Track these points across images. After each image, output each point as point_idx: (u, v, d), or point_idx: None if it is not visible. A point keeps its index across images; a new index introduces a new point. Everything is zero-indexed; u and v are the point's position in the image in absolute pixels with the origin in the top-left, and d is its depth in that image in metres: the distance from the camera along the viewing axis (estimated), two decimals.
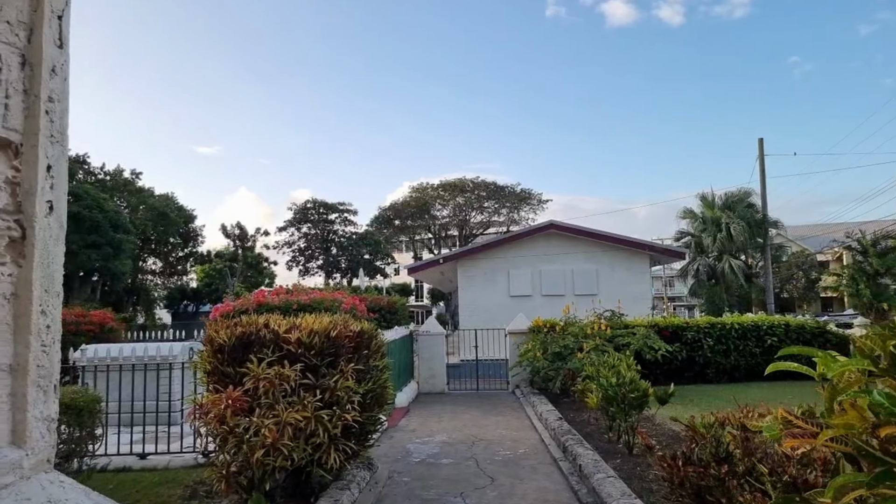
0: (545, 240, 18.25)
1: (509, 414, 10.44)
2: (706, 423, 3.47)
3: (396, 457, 7.36)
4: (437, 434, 8.77)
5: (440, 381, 13.61)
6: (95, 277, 42.25)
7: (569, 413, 9.59)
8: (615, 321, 12.01)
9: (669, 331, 12.39)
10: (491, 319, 16.22)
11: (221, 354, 4.96)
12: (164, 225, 50.98)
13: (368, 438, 5.39)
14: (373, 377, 5.25)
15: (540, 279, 17.93)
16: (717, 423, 3.41)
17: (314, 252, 46.43)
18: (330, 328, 5.11)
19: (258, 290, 9.12)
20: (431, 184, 51.69)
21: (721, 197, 25.96)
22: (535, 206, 52.06)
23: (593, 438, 7.59)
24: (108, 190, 46.58)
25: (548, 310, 14.59)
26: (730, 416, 3.46)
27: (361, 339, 5.33)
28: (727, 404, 9.90)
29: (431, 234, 54.22)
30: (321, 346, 4.96)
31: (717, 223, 24.81)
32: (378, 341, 5.55)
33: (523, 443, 8.08)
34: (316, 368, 4.91)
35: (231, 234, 43.42)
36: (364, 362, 5.19)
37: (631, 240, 18.06)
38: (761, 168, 23.25)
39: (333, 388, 4.75)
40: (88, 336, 12.80)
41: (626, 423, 6.66)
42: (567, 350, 10.83)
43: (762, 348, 12.44)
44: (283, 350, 4.89)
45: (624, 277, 17.69)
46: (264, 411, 4.45)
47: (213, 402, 4.46)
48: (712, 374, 12.39)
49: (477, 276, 18.19)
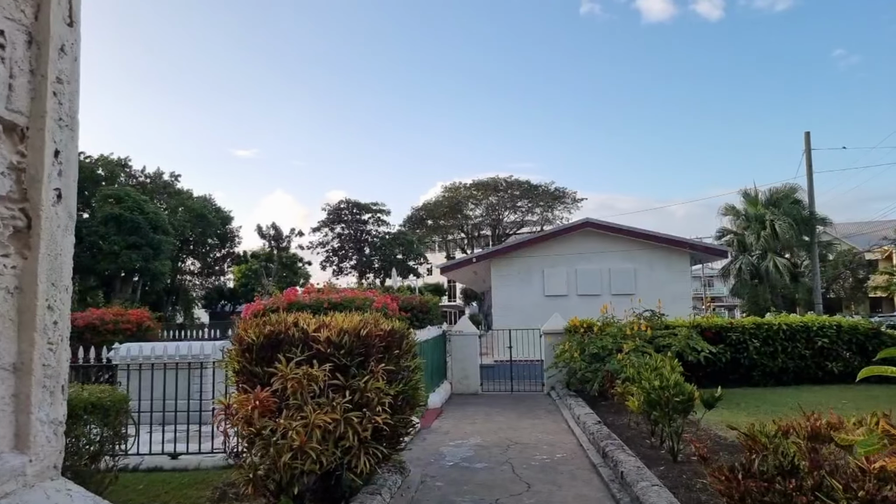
0: (581, 238, 17.82)
1: (545, 416, 10.13)
2: (767, 432, 3.15)
3: (429, 460, 7.16)
4: (471, 437, 8.54)
5: (474, 382, 13.38)
6: (136, 278, 43.48)
7: (607, 416, 9.24)
8: (655, 321, 11.57)
9: (712, 331, 11.87)
10: (525, 319, 15.90)
11: (249, 354, 4.84)
12: (203, 226, 52.16)
13: (400, 441, 5.21)
14: (404, 378, 5.06)
15: (576, 278, 17.52)
16: (780, 432, 3.09)
17: (347, 252, 46.74)
18: (360, 327, 4.94)
19: (289, 288, 9.04)
20: (464, 183, 51.45)
21: (765, 193, 24.96)
22: (570, 205, 51.27)
23: (634, 444, 7.24)
24: (148, 192, 47.91)
25: (584, 310, 14.18)
26: (794, 425, 3.13)
27: (392, 339, 5.14)
28: (777, 408, 9.43)
29: (464, 234, 53.98)
30: (351, 346, 4.80)
31: (761, 220, 23.78)
32: (409, 341, 5.36)
33: (560, 447, 7.78)
34: (346, 368, 4.74)
35: (266, 234, 44.08)
36: (395, 362, 5.00)
37: (670, 238, 17.48)
38: (808, 162, 22.21)
39: (363, 388, 4.58)
40: (126, 335, 13.01)
41: (669, 429, 6.31)
42: (605, 351, 10.46)
43: (812, 350, 11.81)
44: (313, 349, 4.75)
45: (663, 277, 17.14)
46: (292, 413, 4.31)
47: (241, 402, 4.33)
48: (758, 376, 11.82)
49: (511, 276, 17.89)
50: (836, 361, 11.68)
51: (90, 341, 12.87)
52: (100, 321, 12.88)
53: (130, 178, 51.01)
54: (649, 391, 6.52)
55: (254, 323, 5.02)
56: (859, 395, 10.35)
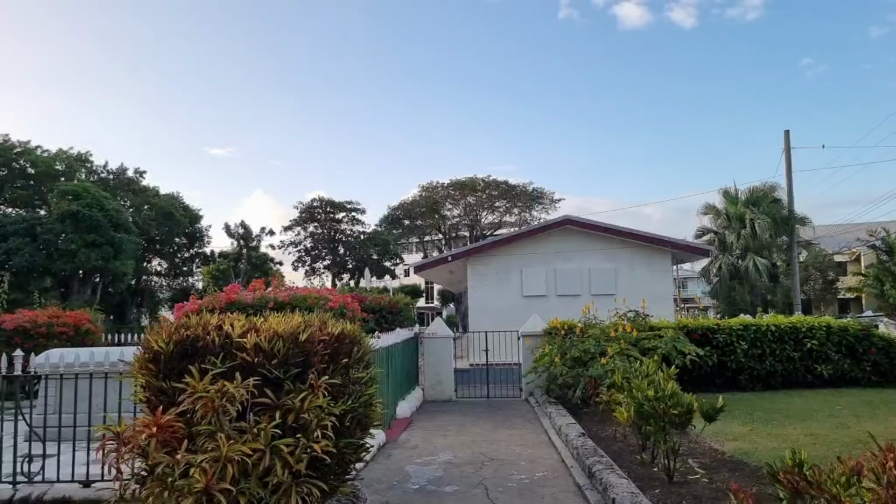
0: (560, 236, 17.09)
1: (523, 427, 9.30)
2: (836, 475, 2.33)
3: (392, 482, 6.26)
4: (442, 452, 7.66)
5: (447, 388, 12.51)
6: (97, 279, 41.52)
7: (591, 426, 8.45)
8: (640, 323, 10.83)
9: (699, 333, 11.20)
10: (503, 321, 15.09)
11: (156, 365, 3.89)
12: (169, 225, 50.14)
13: (348, 470, 4.29)
14: (354, 393, 4.14)
15: (555, 278, 16.78)
16: (850, 472, 2.27)
17: (321, 252, 45.43)
18: (298, 330, 4.02)
19: (230, 285, 8.05)
20: (441, 183, 50.55)
21: (745, 192, 24.55)
22: (548, 206, 50.74)
23: (623, 460, 6.45)
24: (110, 189, 45.86)
25: (563, 310, 13.43)
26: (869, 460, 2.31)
27: (341, 345, 4.23)
28: (770, 416, 8.71)
29: (442, 235, 53.05)
30: (286, 354, 3.88)
31: (741, 219, 23.35)
32: (363, 347, 4.44)
33: (541, 464, 6.94)
34: (278, 383, 3.82)
35: (235, 233, 42.56)
36: (343, 374, 4.09)
37: (652, 236, 16.86)
38: (787, 161, 21.87)
39: (299, 408, 3.66)
40: (62, 339, 11.81)
41: (665, 446, 5.51)
42: (588, 355, 9.68)
43: (801, 352, 11.21)
44: (237, 359, 3.81)
45: (644, 276, 16.49)
46: (203, 442, 3.36)
47: (136, 428, 3.38)
48: (745, 380, 11.18)
49: (488, 275, 17.06)
50: (825, 364, 11.10)
51: (21, 346, 11.64)
52: (31, 324, 11.67)
53: (91, 173, 48.81)
54: (641, 401, 5.71)
55: (165, 327, 4.06)
56: (853, 401, 9.75)
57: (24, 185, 44.40)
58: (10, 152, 43.32)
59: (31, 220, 37.95)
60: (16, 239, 36.09)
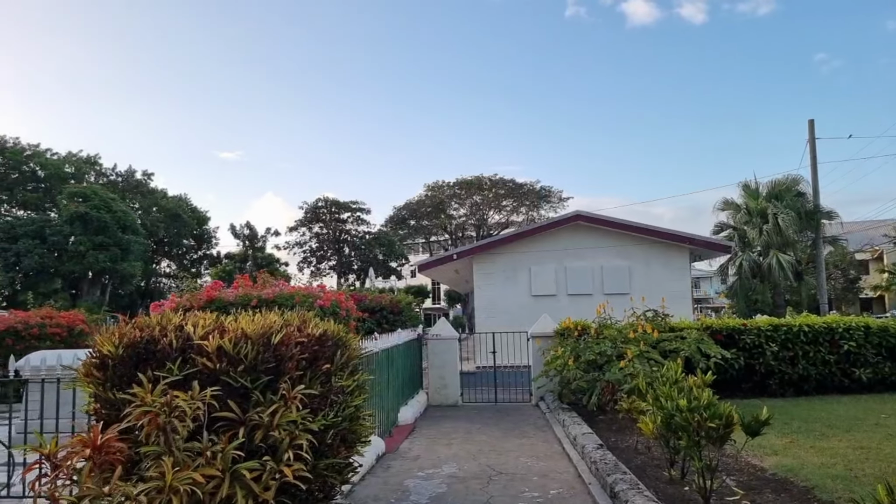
0: (571, 233, 16.39)
1: (534, 435, 8.64)
2: None
3: (389, 499, 5.63)
4: (446, 463, 7.01)
5: (453, 392, 11.86)
6: (107, 280, 41.30)
7: (609, 436, 7.78)
8: (659, 323, 10.13)
9: (723, 334, 10.47)
10: (511, 321, 14.46)
11: (103, 371, 3.29)
12: (178, 227, 49.97)
13: (332, 494, 3.66)
14: (338, 404, 3.52)
15: (565, 277, 16.08)
16: None
17: (326, 252, 44.94)
18: (271, 331, 3.41)
19: (212, 282, 7.46)
20: (447, 182, 49.94)
21: (766, 186, 23.60)
22: (556, 205, 49.98)
23: (648, 476, 5.78)
24: (119, 191, 45.69)
25: (574, 311, 12.77)
26: None
27: (322, 348, 3.61)
28: (809, 425, 7.90)
29: (448, 235, 52.43)
30: (255, 359, 3.27)
31: (763, 214, 22.38)
32: (349, 351, 3.82)
33: (555, 479, 6.28)
34: (245, 393, 3.20)
35: (240, 234, 42.15)
36: (323, 382, 3.46)
37: (668, 232, 16.12)
38: (812, 152, 20.92)
39: (268, 424, 3.04)
40: (55, 340, 11.30)
41: (700, 464, 4.83)
42: (604, 357, 9.00)
43: (837, 355, 10.44)
44: (198, 364, 3.21)
45: (660, 274, 15.76)
46: (150, 465, 2.75)
47: (71, 449, 2.77)
48: (775, 385, 10.44)
49: (495, 274, 16.40)
50: (863, 368, 10.32)
51: (12, 348, 11.13)
52: (23, 325, 11.16)
53: (100, 176, 48.73)
54: (671, 411, 5.05)
55: (120, 327, 3.47)
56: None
57: (35, 187, 44.34)
58: (21, 155, 43.23)
59: (41, 222, 37.81)
60: (25, 241, 35.94)
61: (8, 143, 41.41)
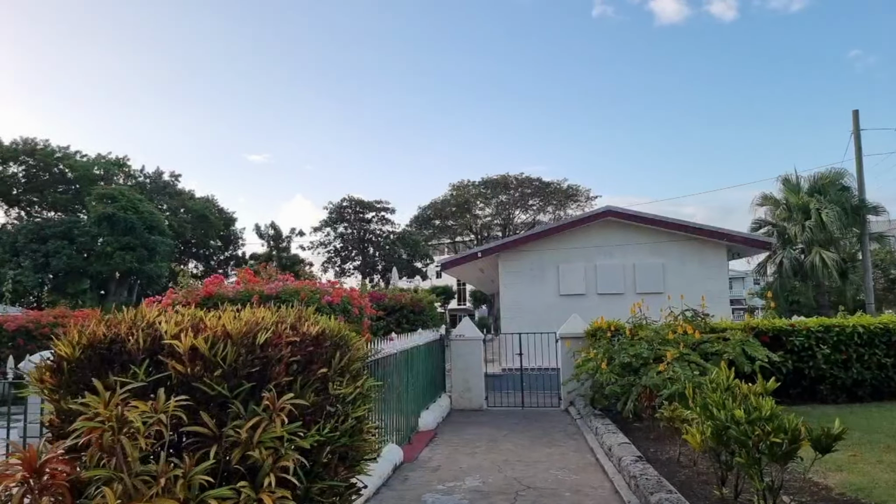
0: (601, 229, 15.65)
1: (565, 444, 8.01)
2: None
3: None
4: (469, 475, 6.44)
5: (477, 396, 11.28)
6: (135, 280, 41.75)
7: (646, 446, 7.11)
8: (699, 323, 9.39)
9: (769, 335, 9.67)
10: (538, 322, 13.81)
11: (58, 376, 2.80)
12: (204, 228, 50.39)
13: None
14: (335, 416, 2.97)
15: (595, 275, 15.35)
16: None
17: (350, 252, 44.70)
18: (256, 329, 2.88)
19: (212, 276, 7.02)
20: (472, 181, 49.30)
21: (807, 180, 22.30)
22: (583, 204, 48.89)
23: (695, 495, 5.13)
24: (147, 193, 46.24)
25: (604, 310, 12.07)
26: None
27: (317, 349, 3.06)
28: (872, 437, 7.17)
29: (473, 234, 51.78)
30: (235, 362, 2.74)
31: (805, 209, 21.14)
32: (351, 353, 3.26)
33: (589, 495, 5.66)
34: (222, 403, 2.68)
35: (265, 234, 42.19)
36: (318, 390, 2.91)
37: (705, 228, 15.25)
38: (857, 144, 19.69)
39: (247, 441, 2.51)
40: None
41: (761, 485, 4.17)
42: (639, 360, 8.31)
43: (895, 358, 9.56)
44: (168, 368, 2.70)
45: (696, 273, 14.92)
46: (95, 493, 2.25)
47: (4, 469, 2.28)
48: (826, 391, 9.61)
49: (521, 273, 15.75)
50: None
51: (24, 348, 10.91)
52: (34, 324, 10.93)
53: (129, 178, 49.41)
54: (725, 423, 4.39)
55: (76, 327, 2.99)
56: None
57: (65, 189, 45.16)
58: (51, 157, 44.08)
59: (69, 223, 38.42)
60: (55, 242, 36.52)
61: (38, 145, 42.17)
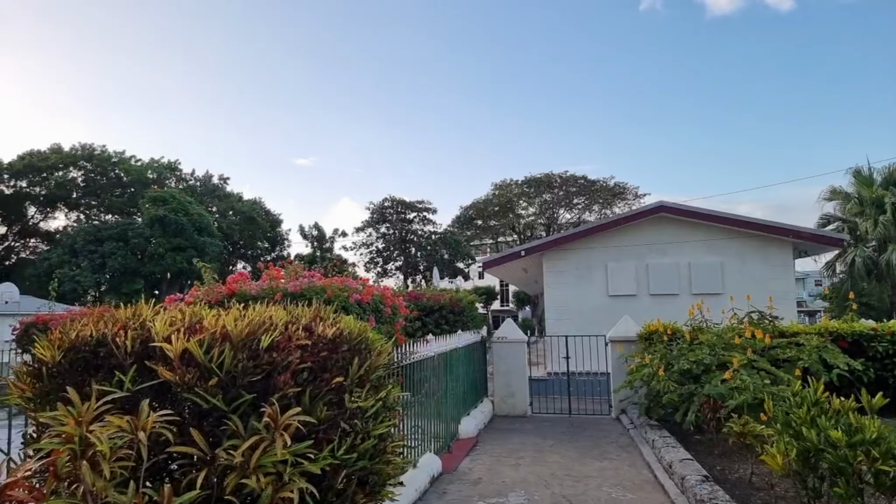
0: (653, 226, 14.78)
1: (618, 457, 7.36)
2: None
3: None
4: (512, 491, 5.90)
5: (521, 402, 10.69)
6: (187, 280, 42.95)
7: (711, 462, 6.40)
8: (766, 326, 8.55)
9: (848, 340, 8.73)
10: (584, 324, 13.12)
11: (36, 384, 2.43)
12: (252, 229, 51.53)
13: None
14: (353, 434, 2.51)
15: (647, 275, 14.50)
16: None
17: (392, 253, 44.62)
18: (260, 330, 2.45)
19: (236, 272, 6.70)
20: (515, 180, 48.44)
21: (881, 172, 20.62)
22: (631, 202, 47.26)
23: None
24: (197, 195, 47.53)
25: (657, 312, 11.32)
26: None
27: (332, 354, 2.61)
28: None
29: (516, 234, 50.93)
30: (233, 369, 2.31)
31: (879, 204, 19.53)
32: (371, 359, 2.79)
33: None
34: (218, 418, 2.25)
35: (309, 235, 42.59)
36: (329, 403, 2.45)
37: (768, 224, 14.17)
38: None
39: (242, 466, 2.07)
40: None
41: None
42: (700, 367, 7.57)
43: None
44: (156, 375, 2.30)
45: (759, 272, 13.88)
46: None
47: None
48: None
49: (567, 272, 15.04)
50: None
51: None
52: None
53: (180, 181, 50.98)
54: (817, 444, 3.72)
55: (60, 326, 2.64)
56: None
57: (121, 193, 46.92)
58: (108, 162, 45.91)
59: (124, 225, 39.85)
60: (110, 244, 37.97)
61: (96, 151, 43.87)
